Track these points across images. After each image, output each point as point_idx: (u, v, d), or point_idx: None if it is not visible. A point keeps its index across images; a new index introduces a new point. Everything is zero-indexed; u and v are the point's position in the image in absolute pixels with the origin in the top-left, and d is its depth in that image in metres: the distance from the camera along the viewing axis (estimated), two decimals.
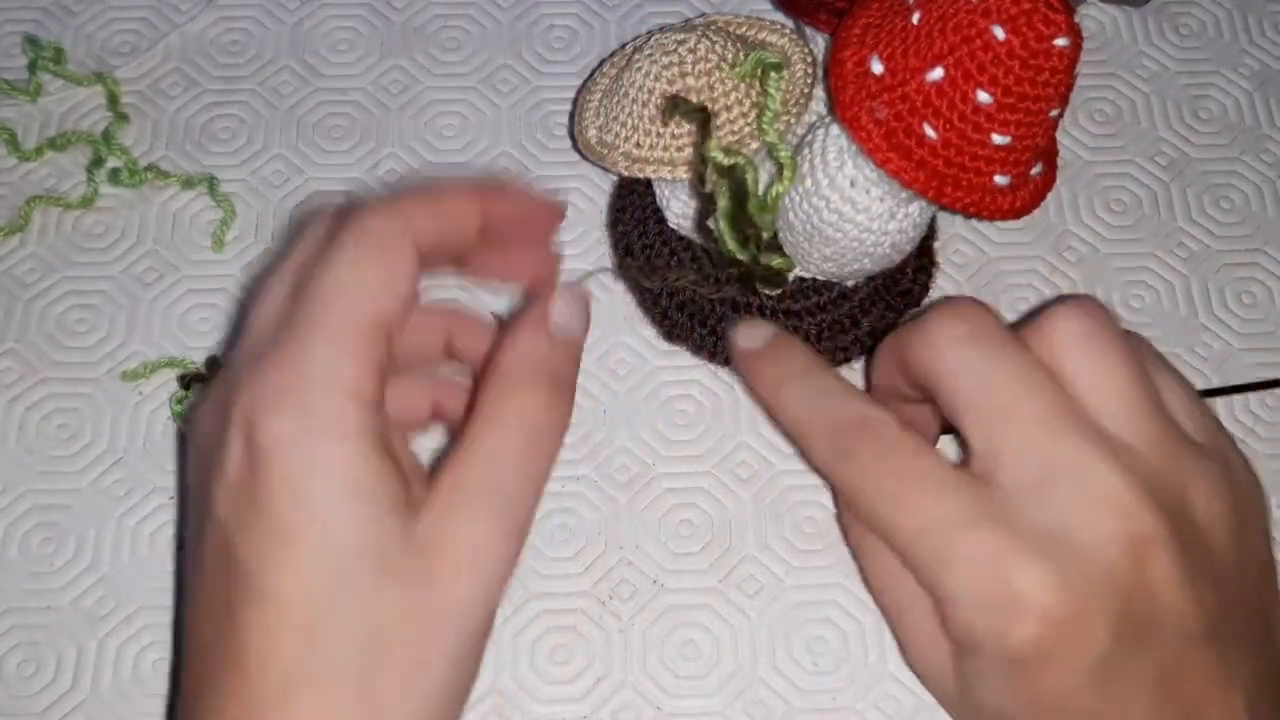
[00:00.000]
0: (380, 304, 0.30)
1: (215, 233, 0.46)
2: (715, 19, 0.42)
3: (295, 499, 0.28)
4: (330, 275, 0.30)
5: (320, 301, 0.29)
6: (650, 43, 0.39)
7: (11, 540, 0.41)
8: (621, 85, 0.40)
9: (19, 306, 0.45)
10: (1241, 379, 0.44)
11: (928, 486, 0.32)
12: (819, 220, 0.38)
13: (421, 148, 0.48)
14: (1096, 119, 0.49)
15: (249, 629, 0.28)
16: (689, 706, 0.39)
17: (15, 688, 0.39)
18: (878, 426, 0.33)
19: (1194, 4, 0.52)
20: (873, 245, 0.39)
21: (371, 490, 0.28)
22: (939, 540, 0.31)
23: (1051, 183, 0.37)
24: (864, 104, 0.35)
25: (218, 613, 0.29)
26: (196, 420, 0.32)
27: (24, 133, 0.48)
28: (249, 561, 0.28)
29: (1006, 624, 0.30)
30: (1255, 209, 0.48)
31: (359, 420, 0.28)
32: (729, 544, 0.41)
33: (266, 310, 0.31)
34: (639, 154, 0.39)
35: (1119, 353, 0.32)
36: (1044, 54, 0.32)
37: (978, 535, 0.31)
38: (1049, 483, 0.31)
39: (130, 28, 0.51)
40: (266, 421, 0.28)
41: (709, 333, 0.43)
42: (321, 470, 0.28)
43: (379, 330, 0.29)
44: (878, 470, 0.32)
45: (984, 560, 0.30)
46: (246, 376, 0.29)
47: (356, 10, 0.51)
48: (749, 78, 0.39)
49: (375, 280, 0.30)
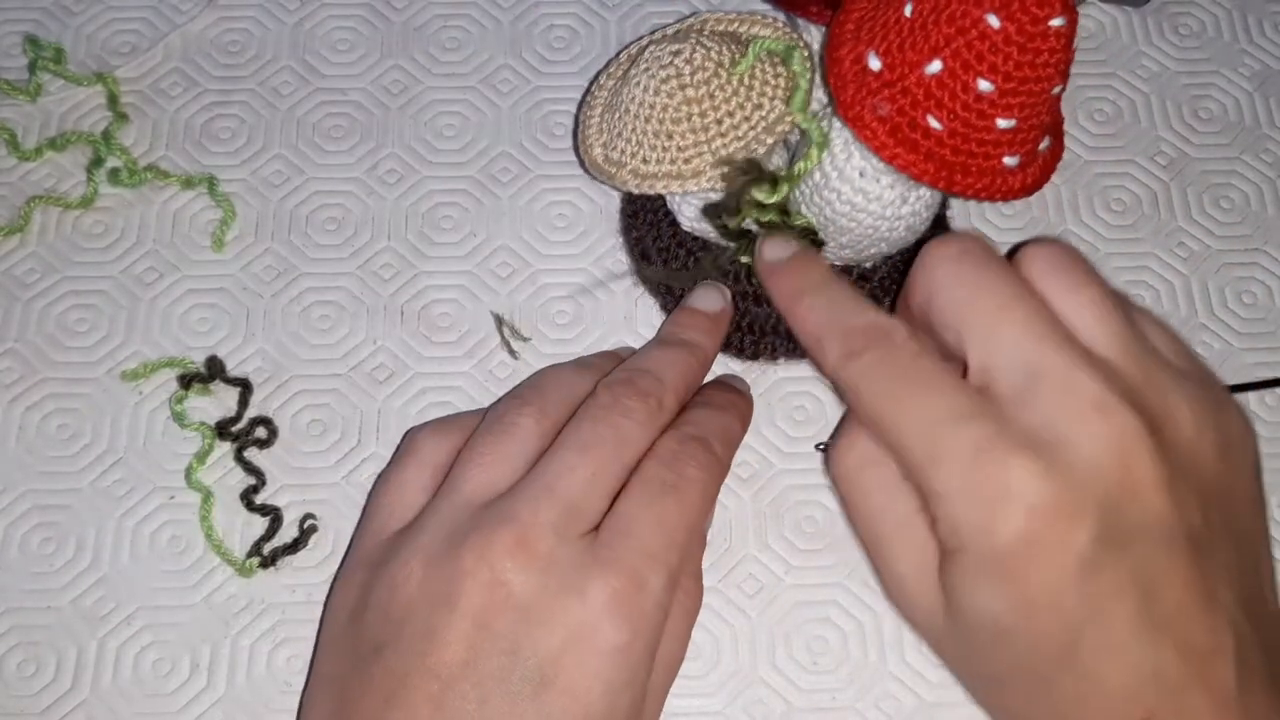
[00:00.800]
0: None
1: (215, 233, 0.46)
2: (706, 18, 0.42)
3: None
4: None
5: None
6: (645, 55, 0.39)
7: (11, 540, 0.41)
8: (621, 101, 0.40)
9: (19, 306, 0.45)
10: (1241, 379, 0.44)
11: (926, 385, 0.33)
12: (831, 212, 0.38)
13: (421, 148, 0.48)
14: (1096, 119, 0.50)
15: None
16: (689, 706, 0.39)
17: (15, 687, 0.39)
18: (886, 330, 0.34)
19: (1194, 4, 0.52)
20: (887, 230, 0.39)
21: None
22: (932, 435, 0.32)
23: (1059, 154, 0.37)
24: (866, 101, 0.35)
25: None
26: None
27: (24, 133, 0.48)
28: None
29: (993, 516, 0.31)
30: (1255, 209, 0.48)
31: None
32: (729, 544, 0.41)
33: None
34: (646, 170, 0.39)
35: (1097, 283, 0.33)
36: (1040, 36, 0.32)
37: (969, 430, 0.31)
38: (1036, 385, 0.31)
39: (130, 28, 0.51)
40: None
41: (734, 329, 0.43)
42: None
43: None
44: (880, 370, 0.33)
45: (973, 453, 0.31)
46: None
47: (357, 10, 0.51)
48: (753, 69, 0.39)
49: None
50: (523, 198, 0.47)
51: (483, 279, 0.46)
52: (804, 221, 0.39)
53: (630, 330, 0.45)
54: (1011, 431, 0.31)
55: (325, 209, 0.47)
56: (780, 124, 0.39)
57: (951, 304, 0.33)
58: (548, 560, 0.34)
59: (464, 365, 0.44)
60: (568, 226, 0.47)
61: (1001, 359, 0.32)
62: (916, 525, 0.33)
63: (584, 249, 0.46)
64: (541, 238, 0.47)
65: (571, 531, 0.34)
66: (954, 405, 0.32)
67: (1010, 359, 0.32)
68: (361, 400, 0.44)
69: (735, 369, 0.44)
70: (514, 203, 0.47)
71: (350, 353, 0.44)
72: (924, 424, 0.32)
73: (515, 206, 0.47)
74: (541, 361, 0.44)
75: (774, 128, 0.39)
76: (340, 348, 0.44)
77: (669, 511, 0.35)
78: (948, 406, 0.32)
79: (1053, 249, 0.34)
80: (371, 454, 0.43)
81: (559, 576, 0.34)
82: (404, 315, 0.45)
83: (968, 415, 0.31)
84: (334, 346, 0.44)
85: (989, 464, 0.31)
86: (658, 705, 0.36)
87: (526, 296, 0.45)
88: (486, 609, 0.33)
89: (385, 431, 0.43)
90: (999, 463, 0.31)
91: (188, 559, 0.41)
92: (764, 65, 0.39)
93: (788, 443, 0.43)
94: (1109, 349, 0.32)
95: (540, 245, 0.46)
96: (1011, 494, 0.30)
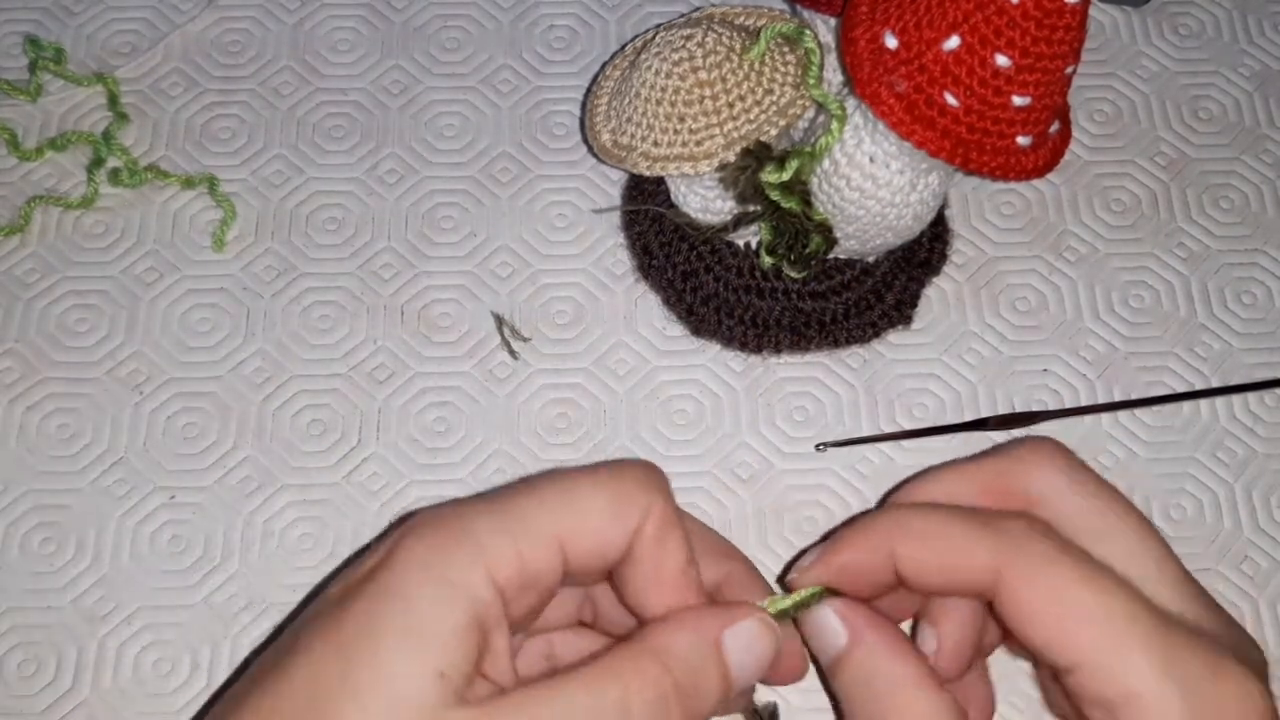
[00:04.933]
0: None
1: (215, 232, 0.46)
2: (714, 11, 0.42)
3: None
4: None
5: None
6: (656, 40, 0.40)
7: (12, 540, 0.41)
8: (631, 85, 0.40)
9: (19, 306, 0.45)
10: (1241, 379, 0.44)
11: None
12: (840, 199, 0.38)
13: (421, 148, 0.48)
14: (1096, 119, 0.50)
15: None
16: None
17: (16, 687, 0.39)
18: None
19: (1194, 4, 0.52)
20: (895, 219, 0.39)
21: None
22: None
23: (1068, 139, 0.38)
24: (882, 79, 0.35)
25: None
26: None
27: (24, 133, 0.48)
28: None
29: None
30: (1255, 209, 0.48)
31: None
32: None
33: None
34: (657, 152, 0.40)
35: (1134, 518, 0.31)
36: (1058, 12, 0.33)
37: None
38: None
39: (131, 28, 0.51)
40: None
41: (736, 323, 0.43)
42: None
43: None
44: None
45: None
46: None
47: (357, 10, 0.51)
48: (766, 54, 0.39)
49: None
50: (523, 198, 0.47)
51: (483, 279, 0.46)
52: (822, 216, 0.40)
53: (630, 330, 0.45)
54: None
55: (325, 209, 0.47)
56: (792, 107, 0.39)
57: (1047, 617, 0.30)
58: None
59: (464, 365, 0.44)
60: (568, 226, 0.47)
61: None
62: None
63: (584, 249, 0.46)
64: (541, 238, 0.47)
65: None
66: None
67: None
68: (361, 400, 0.44)
69: (721, 376, 0.44)
70: (514, 203, 0.47)
71: (350, 352, 0.44)
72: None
73: (515, 206, 0.47)
74: (542, 361, 0.44)
75: (785, 111, 0.39)
76: (340, 347, 0.44)
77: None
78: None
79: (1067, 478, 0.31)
80: (372, 454, 0.43)
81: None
82: (404, 315, 0.45)
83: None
84: (334, 346, 0.44)
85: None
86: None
87: (526, 296, 0.45)
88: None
89: (385, 432, 0.43)
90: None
91: (188, 559, 0.41)
92: (774, 51, 0.39)
93: (788, 443, 0.43)
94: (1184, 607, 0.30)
95: (540, 245, 0.46)
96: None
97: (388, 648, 0.27)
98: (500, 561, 0.28)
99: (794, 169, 0.38)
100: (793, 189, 0.38)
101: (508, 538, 0.29)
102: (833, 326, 0.43)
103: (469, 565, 0.28)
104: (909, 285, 0.44)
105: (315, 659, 0.27)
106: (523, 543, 0.29)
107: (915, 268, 0.45)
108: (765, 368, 0.44)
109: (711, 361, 0.44)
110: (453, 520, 0.29)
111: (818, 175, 0.39)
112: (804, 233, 0.40)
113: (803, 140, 0.41)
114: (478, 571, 0.28)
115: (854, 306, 0.43)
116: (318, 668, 0.27)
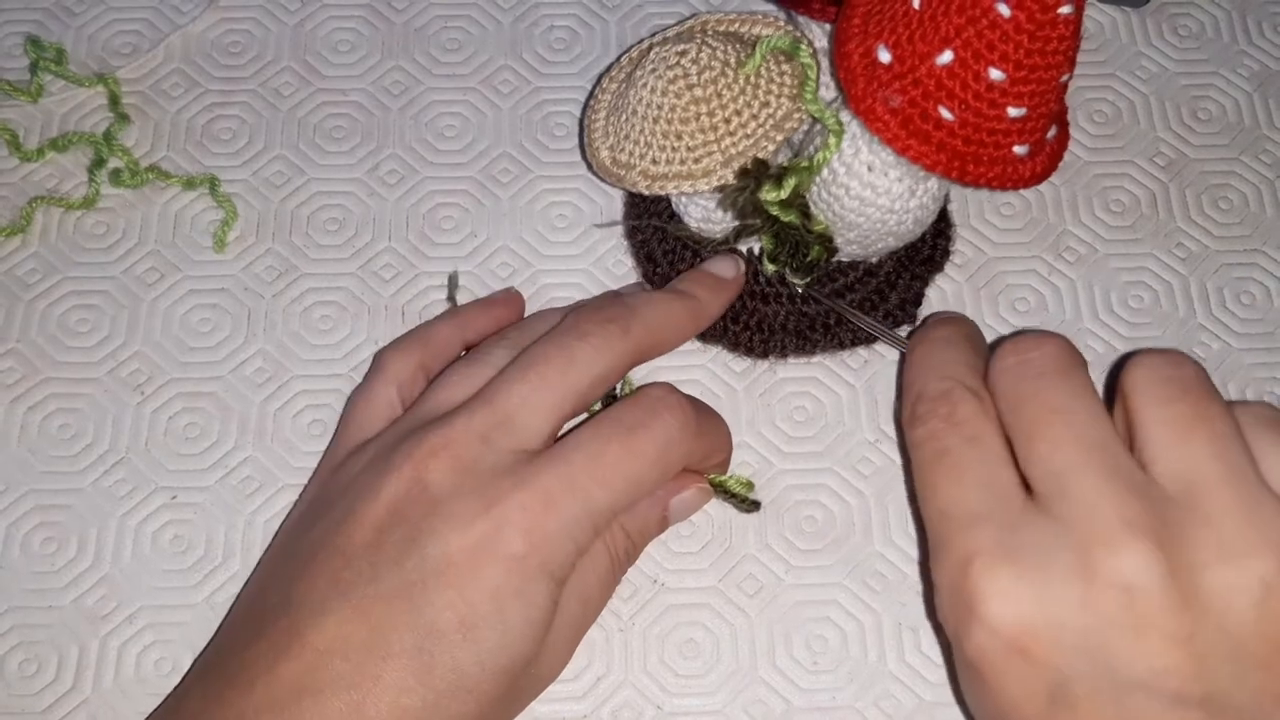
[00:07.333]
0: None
1: (216, 233, 0.46)
2: (707, 19, 0.42)
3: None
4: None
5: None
6: (650, 56, 0.40)
7: (13, 540, 0.41)
8: (628, 102, 0.40)
9: (20, 307, 0.45)
10: (1241, 379, 0.45)
11: (958, 475, 0.32)
12: (840, 208, 0.38)
13: (422, 148, 0.48)
14: (1096, 119, 0.50)
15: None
16: (689, 705, 0.39)
17: (17, 687, 0.39)
18: (953, 403, 0.34)
19: (1193, 4, 0.52)
20: (896, 224, 0.39)
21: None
22: (943, 527, 0.32)
23: (1066, 142, 0.38)
24: (877, 94, 0.35)
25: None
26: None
27: (25, 133, 0.48)
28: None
29: (961, 628, 0.31)
30: (1254, 209, 0.48)
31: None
32: (729, 543, 0.41)
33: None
34: (656, 170, 0.40)
35: (1193, 399, 0.31)
36: (1050, 24, 0.33)
37: (970, 533, 0.31)
38: (1059, 498, 0.30)
39: (131, 28, 0.51)
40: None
41: (742, 328, 0.43)
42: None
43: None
44: (929, 445, 0.34)
45: (964, 559, 0.31)
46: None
47: (357, 11, 0.51)
48: (761, 67, 0.39)
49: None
50: (523, 198, 0.47)
51: (483, 279, 0.46)
52: (822, 227, 0.40)
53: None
54: (1013, 544, 0.30)
55: (326, 209, 0.47)
56: (789, 120, 0.39)
57: (1012, 394, 0.33)
58: (469, 465, 0.34)
59: None
60: (568, 227, 0.47)
61: (1040, 465, 0.31)
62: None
63: (584, 249, 0.47)
64: (542, 238, 0.47)
65: (501, 443, 0.35)
66: (971, 503, 0.31)
67: (1047, 465, 0.31)
68: None
69: (721, 376, 0.44)
70: (514, 203, 0.47)
71: (351, 353, 0.44)
72: (940, 514, 0.32)
73: (515, 207, 0.47)
74: None
75: (782, 124, 0.39)
76: (341, 348, 0.45)
77: (611, 451, 0.35)
78: (965, 502, 0.32)
79: (1162, 368, 0.32)
80: None
81: (476, 481, 0.34)
82: (405, 315, 0.45)
83: (977, 518, 0.31)
84: (335, 347, 0.45)
85: (972, 574, 0.30)
86: (571, 635, 0.36)
87: (527, 297, 0.45)
88: (402, 500, 0.34)
89: None
90: (981, 574, 0.30)
91: (189, 558, 0.41)
92: (769, 63, 0.39)
93: (788, 443, 0.43)
94: (1172, 475, 0.30)
95: (540, 245, 0.47)
96: (977, 612, 0.30)
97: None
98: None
99: (791, 187, 0.38)
100: (791, 204, 0.38)
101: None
102: (837, 328, 0.43)
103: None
104: (913, 284, 0.44)
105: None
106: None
107: (919, 265, 0.45)
108: (765, 368, 0.44)
109: (712, 362, 0.44)
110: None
111: (816, 184, 0.39)
112: (804, 244, 0.40)
113: (801, 145, 0.41)
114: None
115: (858, 308, 0.43)
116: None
